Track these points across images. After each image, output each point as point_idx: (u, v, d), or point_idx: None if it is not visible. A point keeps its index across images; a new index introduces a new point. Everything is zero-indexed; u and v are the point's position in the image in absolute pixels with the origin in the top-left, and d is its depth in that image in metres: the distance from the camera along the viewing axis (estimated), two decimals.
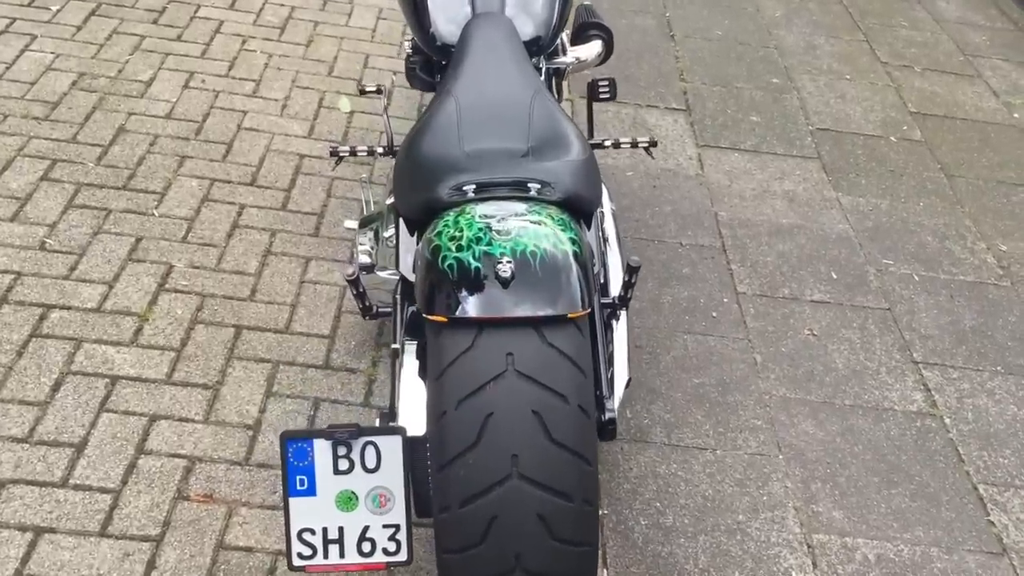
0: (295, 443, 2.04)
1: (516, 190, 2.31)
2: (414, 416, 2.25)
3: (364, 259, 2.88)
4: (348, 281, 2.49)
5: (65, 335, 2.99)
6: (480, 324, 1.98)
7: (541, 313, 1.97)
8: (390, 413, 2.34)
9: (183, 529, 2.50)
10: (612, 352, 2.63)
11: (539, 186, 2.30)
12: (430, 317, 2.02)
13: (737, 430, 3.07)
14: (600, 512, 2.73)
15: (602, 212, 2.96)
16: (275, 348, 3.06)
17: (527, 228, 2.10)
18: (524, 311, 1.97)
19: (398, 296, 2.50)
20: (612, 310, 2.60)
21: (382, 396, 2.94)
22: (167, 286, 3.22)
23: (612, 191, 4.04)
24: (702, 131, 4.61)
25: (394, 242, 2.75)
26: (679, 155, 4.42)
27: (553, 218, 2.16)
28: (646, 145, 2.98)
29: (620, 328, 2.67)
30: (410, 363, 2.34)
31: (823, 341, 3.48)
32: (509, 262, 2.00)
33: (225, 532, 2.51)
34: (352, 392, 2.95)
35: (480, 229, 2.09)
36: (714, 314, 3.53)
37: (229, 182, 3.73)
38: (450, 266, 2.03)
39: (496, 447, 1.91)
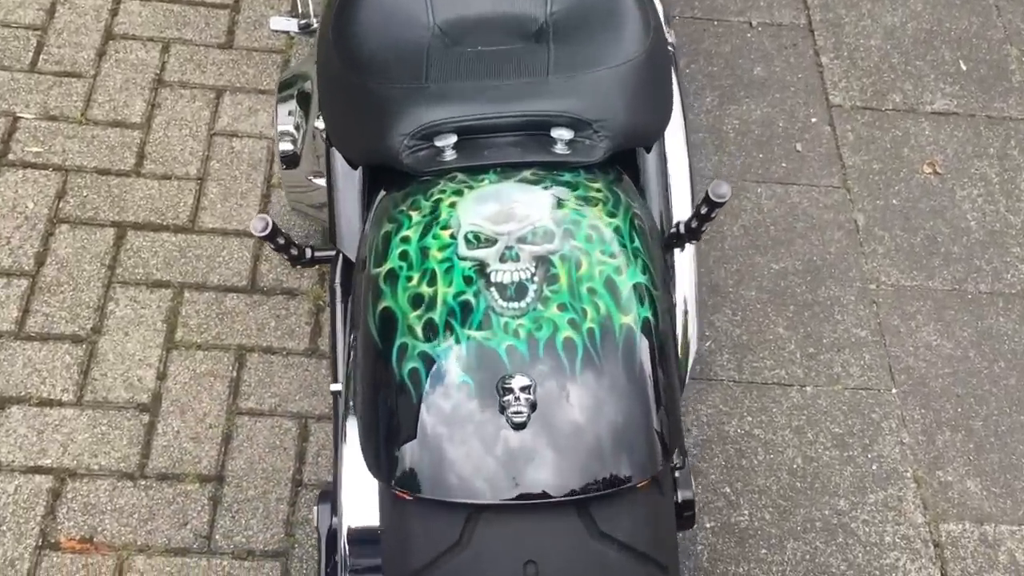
0: None
1: (531, 146, 1.28)
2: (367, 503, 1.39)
3: (285, 146, 1.86)
4: (263, 239, 1.54)
5: None
6: (475, 506, 1.07)
7: (589, 489, 1.05)
8: (332, 493, 1.47)
9: None
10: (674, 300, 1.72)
11: (570, 134, 1.27)
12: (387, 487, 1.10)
13: (833, 348, 2.21)
14: None
15: None
16: (176, 260, 2.11)
17: (556, 272, 1.12)
18: (557, 485, 1.05)
19: (337, 286, 1.53)
20: (677, 242, 1.62)
21: None
22: (11, 156, 2.19)
23: None
24: None
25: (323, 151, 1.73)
26: None
27: (605, 219, 1.18)
28: None
29: (685, 267, 1.75)
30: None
31: (948, 183, 2.50)
32: (526, 389, 1.04)
33: None
34: (293, 332, 2.05)
35: (467, 277, 1.11)
36: (798, 146, 2.52)
37: None
38: (413, 374, 1.08)
39: None
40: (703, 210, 1.37)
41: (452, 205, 1.19)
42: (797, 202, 2.42)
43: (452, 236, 1.15)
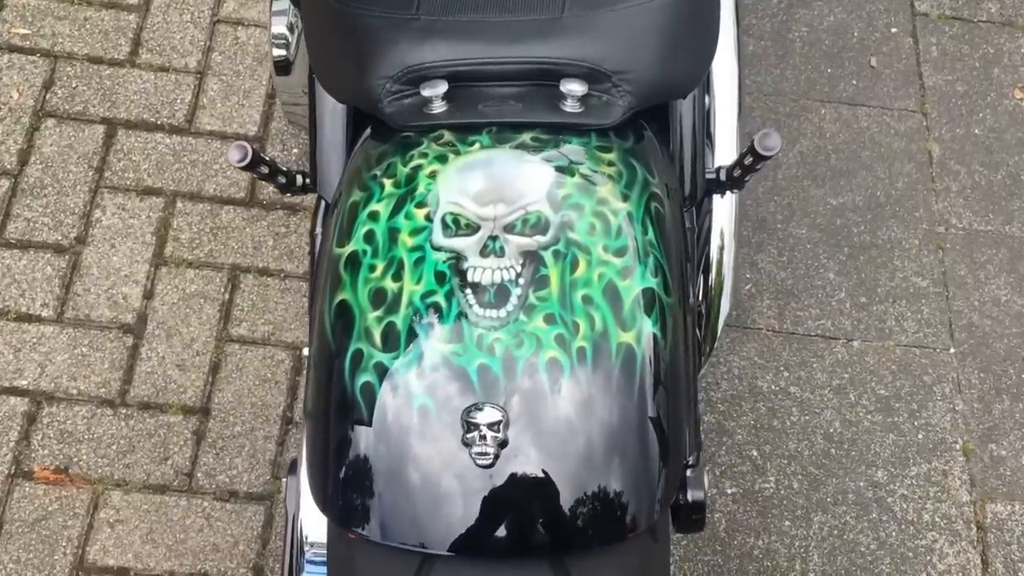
0: None
1: (535, 102, 1.07)
2: None
3: (277, 52, 1.65)
4: (243, 169, 1.36)
5: None
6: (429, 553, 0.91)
7: (566, 545, 0.89)
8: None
9: (22, 538, 1.64)
10: (706, 248, 1.54)
11: (583, 89, 1.05)
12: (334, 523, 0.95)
13: (888, 298, 1.99)
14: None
15: None
16: (170, 165, 1.93)
17: (546, 274, 0.93)
18: (527, 539, 0.89)
19: (318, 233, 1.35)
20: (716, 188, 1.39)
21: None
22: None
23: None
24: None
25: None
26: None
27: (615, 203, 0.99)
28: None
29: (724, 199, 1.55)
30: None
31: None
32: (495, 426, 0.87)
33: (87, 539, 1.65)
34: (292, 252, 1.88)
35: (439, 273, 0.93)
36: (873, 61, 2.23)
37: None
38: (366, 389, 0.91)
39: None
40: (747, 160, 1.16)
41: (432, 176, 0.99)
42: (865, 127, 2.15)
43: (427, 218, 0.96)
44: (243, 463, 1.71)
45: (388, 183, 1.00)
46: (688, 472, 1.19)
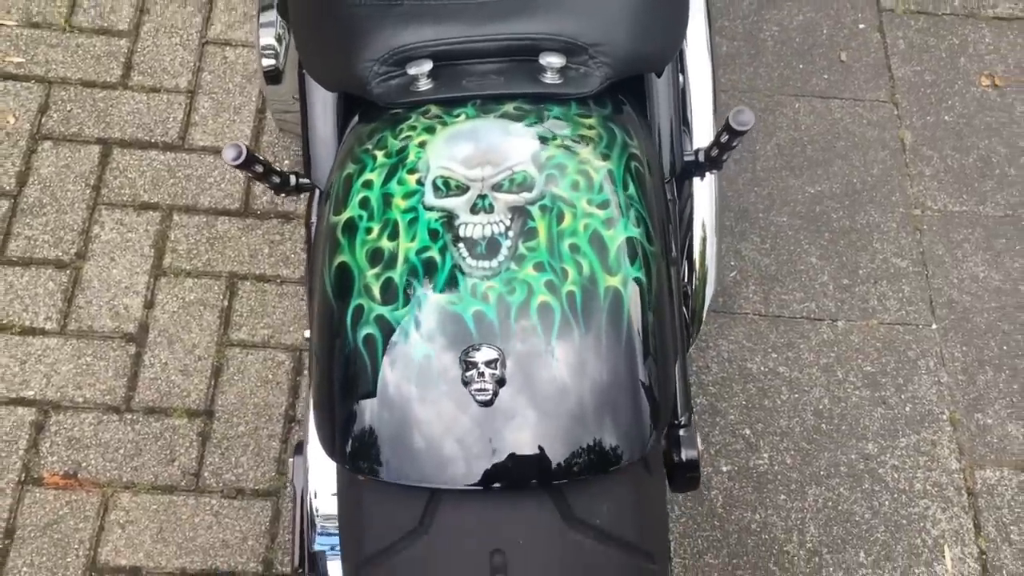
0: None
1: (516, 75, 1.13)
2: None
3: (267, 61, 1.71)
4: (237, 168, 1.41)
5: None
6: (436, 489, 0.95)
7: (564, 474, 0.94)
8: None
9: (34, 542, 1.67)
10: (689, 235, 1.59)
11: (561, 61, 1.11)
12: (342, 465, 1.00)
13: (870, 279, 2.05)
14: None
15: None
16: (165, 180, 1.99)
17: (534, 226, 0.98)
18: (527, 470, 0.93)
19: (313, 222, 1.40)
20: (696, 170, 1.45)
21: None
22: None
23: None
24: None
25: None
26: None
27: (596, 162, 1.04)
28: None
29: (704, 189, 1.60)
30: None
31: (1008, 96, 2.28)
32: (492, 364, 0.92)
33: (99, 541, 1.68)
34: (288, 259, 1.93)
35: (433, 230, 0.98)
36: (843, 55, 2.31)
37: None
38: (368, 341, 0.96)
39: None
40: (723, 138, 1.21)
41: (422, 145, 1.04)
42: (838, 118, 2.22)
43: (419, 182, 1.01)
44: (248, 461, 1.74)
45: (380, 154, 1.06)
46: (681, 432, 1.23)
